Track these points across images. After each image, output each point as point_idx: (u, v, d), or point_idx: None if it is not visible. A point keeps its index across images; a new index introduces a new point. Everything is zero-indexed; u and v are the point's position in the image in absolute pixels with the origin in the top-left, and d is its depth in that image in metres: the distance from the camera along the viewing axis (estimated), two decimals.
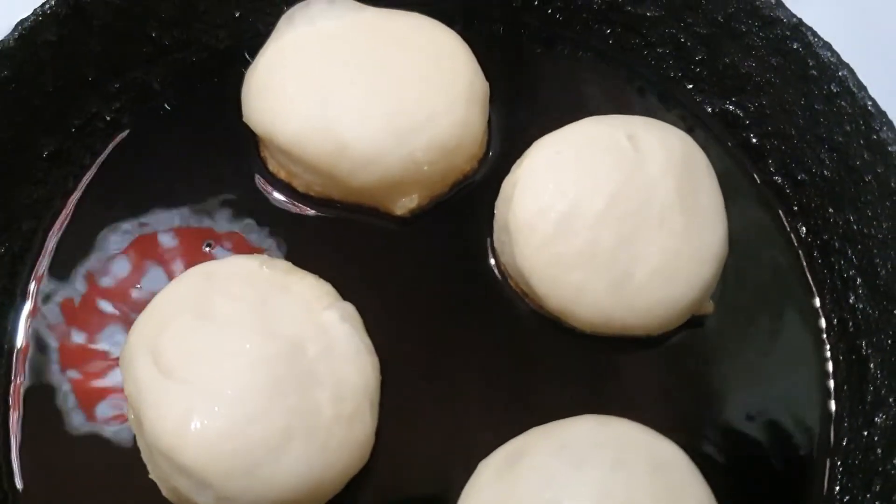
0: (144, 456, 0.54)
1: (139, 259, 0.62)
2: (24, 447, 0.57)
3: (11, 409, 0.58)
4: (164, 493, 0.53)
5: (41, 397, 0.58)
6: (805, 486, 0.57)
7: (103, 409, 0.58)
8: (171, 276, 0.61)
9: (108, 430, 0.57)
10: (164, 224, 0.64)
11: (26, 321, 0.61)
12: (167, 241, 0.63)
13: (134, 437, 0.55)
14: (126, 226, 0.64)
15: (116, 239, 0.63)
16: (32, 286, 0.62)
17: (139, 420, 0.52)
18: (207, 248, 0.62)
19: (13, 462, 0.57)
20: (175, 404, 0.49)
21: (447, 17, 0.66)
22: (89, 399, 0.58)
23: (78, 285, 0.62)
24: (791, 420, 0.59)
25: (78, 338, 0.60)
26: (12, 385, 0.59)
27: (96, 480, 0.56)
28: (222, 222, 0.64)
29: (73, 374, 0.59)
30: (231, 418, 0.49)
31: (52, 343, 0.60)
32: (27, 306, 0.61)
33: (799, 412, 0.59)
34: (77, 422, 0.57)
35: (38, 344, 0.60)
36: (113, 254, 0.63)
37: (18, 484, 0.56)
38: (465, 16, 0.70)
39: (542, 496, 0.49)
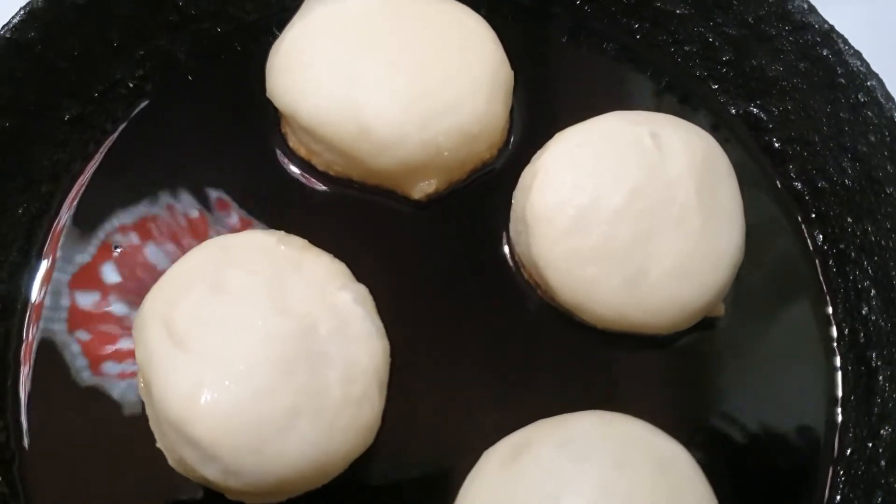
0: (152, 424, 0.54)
1: (154, 229, 0.63)
2: (33, 407, 0.58)
3: (22, 368, 0.58)
4: (171, 462, 0.54)
5: (52, 357, 0.59)
6: (806, 494, 0.58)
7: (113, 374, 0.58)
8: (184, 249, 0.61)
9: (118, 396, 0.58)
10: (181, 195, 0.64)
11: (41, 281, 0.61)
12: (183, 212, 0.63)
13: (143, 405, 0.56)
14: (143, 194, 0.64)
15: (133, 207, 0.63)
16: (49, 247, 0.62)
17: (149, 388, 0.52)
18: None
19: (22, 421, 0.57)
20: (186, 376, 0.50)
21: (473, 2, 0.65)
22: (99, 362, 0.58)
23: (93, 250, 0.62)
24: (796, 426, 0.59)
25: (91, 300, 0.60)
26: (24, 344, 0.59)
27: (103, 446, 0.57)
28: (239, 196, 0.64)
29: (84, 336, 0.59)
30: (241, 394, 0.49)
31: (66, 304, 0.60)
32: (43, 267, 0.62)
33: (805, 419, 0.59)
34: (87, 384, 0.58)
35: (52, 304, 0.60)
36: (129, 221, 0.63)
37: (25, 443, 0.57)
38: (490, 1, 0.70)
39: (544, 489, 0.49)
